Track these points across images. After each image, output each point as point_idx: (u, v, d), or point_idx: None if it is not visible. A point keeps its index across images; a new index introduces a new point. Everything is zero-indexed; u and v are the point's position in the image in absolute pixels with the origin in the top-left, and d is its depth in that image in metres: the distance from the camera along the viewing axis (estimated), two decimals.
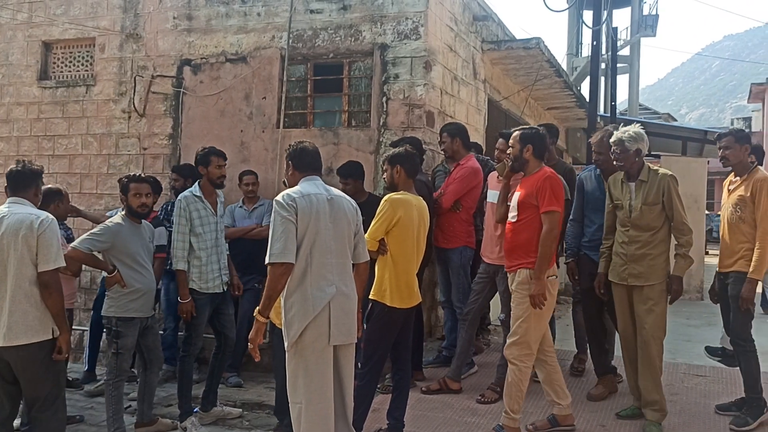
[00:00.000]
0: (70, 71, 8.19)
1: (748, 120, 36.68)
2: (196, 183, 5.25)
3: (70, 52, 8.20)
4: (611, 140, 4.62)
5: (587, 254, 5.17)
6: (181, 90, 7.44)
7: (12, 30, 8.25)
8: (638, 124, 4.63)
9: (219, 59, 7.33)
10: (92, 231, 4.80)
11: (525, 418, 4.72)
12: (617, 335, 4.98)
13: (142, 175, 5.12)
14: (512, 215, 4.48)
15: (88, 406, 5.76)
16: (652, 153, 15.11)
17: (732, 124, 39.88)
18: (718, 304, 5.02)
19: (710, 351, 5.44)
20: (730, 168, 4.83)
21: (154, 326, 5.08)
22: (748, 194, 4.60)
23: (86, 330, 6.70)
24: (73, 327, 5.79)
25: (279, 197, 3.54)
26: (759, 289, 8.61)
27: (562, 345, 6.01)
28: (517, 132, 4.56)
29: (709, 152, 14.52)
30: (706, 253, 14.88)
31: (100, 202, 7.65)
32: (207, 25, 7.40)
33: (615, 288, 4.72)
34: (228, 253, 5.38)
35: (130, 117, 7.69)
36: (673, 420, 4.78)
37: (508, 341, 4.44)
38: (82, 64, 8.14)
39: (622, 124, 4.93)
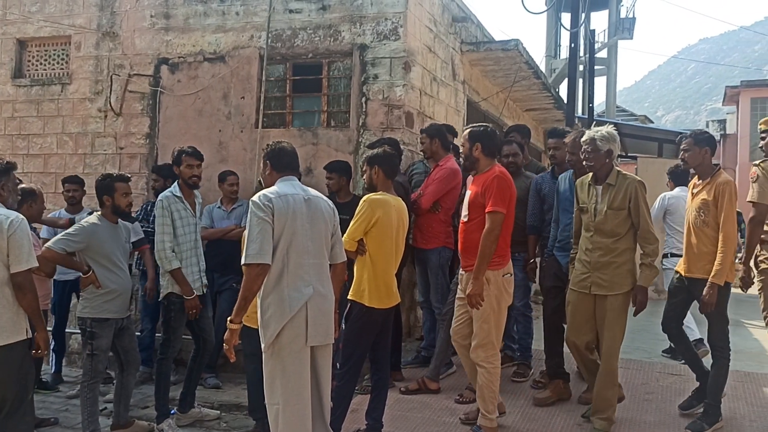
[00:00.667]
0: (45, 69, 8.09)
1: (722, 122, 37.21)
2: (175, 183, 5.20)
3: (45, 50, 8.10)
4: (582, 139, 4.51)
5: (555, 255, 5.14)
6: (159, 89, 7.38)
7: None
8: (612, 126, 4.56)
9: (197, 58, 7.28)
10: (67, 231, 4.75)
11: (502, 419, 4.75)
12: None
13: (125, 174, 5.10)
14: (464, 215, 4.50)
15: (63, 408, 5.69)
16: (630, 154, 15.28)
17: (707, 126, 40.40)
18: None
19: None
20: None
21: (130, 327, 5.03)
22: (711, 198, 4.50)
23: (73, 332, 6.65)
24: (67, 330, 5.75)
25: (255, 197, 3.52)
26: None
27: (539, 345, 6.03)
28: (466, 130, 4.58)
29: None
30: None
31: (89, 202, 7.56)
32: (185, 24, 7.35)
33: (575, 296, 4.56)
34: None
35: (106, 116, 7.62)
36: (648, 418, 4.83)
37: (473, 344, 4.41)
38: (58, 63, 8.04)
39: (594, 123, 4.89)
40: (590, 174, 4.55)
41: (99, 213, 4.89)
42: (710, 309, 4.45)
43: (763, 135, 4.91)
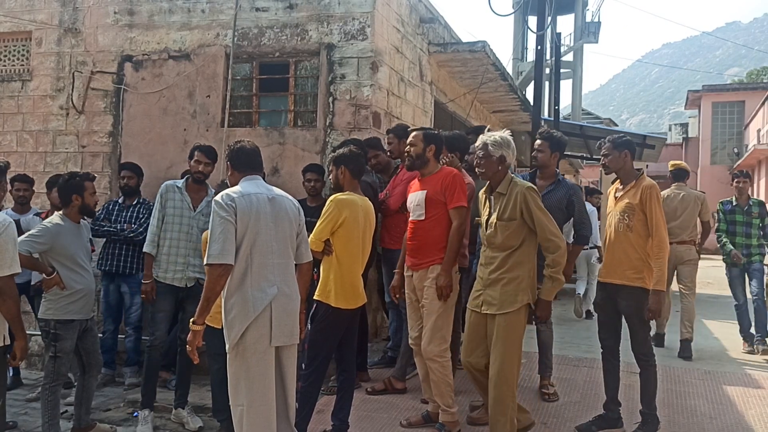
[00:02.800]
0: (4, 65, 7.90)
1: (685, 126, 38.01)
2: (187, 175, 5.37)
3: (5, 46, 7.91)
4: (475, 143, 4.36)
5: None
6: (122, 87, 7.27)
7: None
8: (507, 131, 4.23)
9: (161, 56, 7.18)
10: (31, 233, 4.64)
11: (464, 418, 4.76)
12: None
13: (90, 173, 5.07)
14: (419, 213, 4.51)
15: (22, 412, 5.57)
16: (595, 157, 15.48)
17: (670, 129, 41.25)
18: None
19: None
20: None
21: (93, 328, 4.95)
22: (637, 201, 4.45)
23: (33, 334, 6.49)
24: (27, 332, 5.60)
25: (218, 197, 3.48)
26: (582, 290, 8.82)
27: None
28: (418, 131, 4.64)
29: (647, 156, 14.94)
30: None
31: (36, 201, 7.39)
32: (149, 21, 7.24)
33: (470, 314, 4.20)
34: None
35: (68, 114, 7.47)
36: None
37: (424, 340, 4.43)
38: (18, 59, 7.86)
39: (487, 128, 4.47)
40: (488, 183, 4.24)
41: (61, 213, 4.78)
42: (657, 316, 4.45)
43: None
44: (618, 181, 4.73)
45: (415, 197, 4.53)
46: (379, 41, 6.70)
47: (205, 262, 3.39)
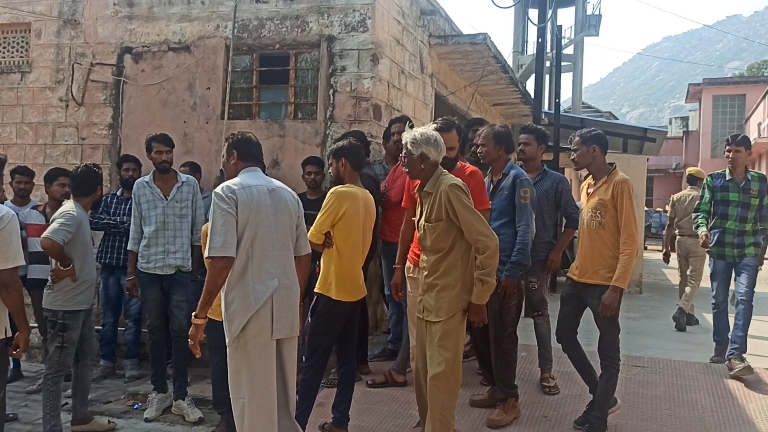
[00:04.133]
0: (3, 57, 7.86)
1: (685, 119, 37.96)
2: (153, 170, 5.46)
3: (4, 37, 7.88)
4: (479, 133, 4.35)
5: None
6: (122, 79, 7.24)
7: None
8: (434, 126, 4.08)
9: (161, 48, 7.16)
10: (61, 221, 4.64)
11: (467, 411, 4.76)
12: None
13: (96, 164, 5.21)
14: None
15: (22, 404, 5.57)
16: None
17: (670, 123, 41.20)
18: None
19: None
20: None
21: (90, 316, 4.99)
22: (609, 197, 4.28)
23: (32, 327, 6.49)
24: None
25: (218, 189, 3.46)
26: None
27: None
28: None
29: (648, 150, 14.93)
30: (645, 248, 15.33)
31: (36, 193, 7.38)
32: (149, 13, 7.21)
33: (417, 320, 3.95)
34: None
35: (67, 106, 7.45)
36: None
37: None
38: (17, 50, 7.83)
39: (408, 123, 4.17)
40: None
41: (76, 202, 4.83)
42: (610, 313, 4.23)
43: None
44: (590, 176, 4.58)
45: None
46: (380, 33, 6.67)
47: (206, 255, 3.38)
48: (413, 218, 4.04)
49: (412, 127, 3.90)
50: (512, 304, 4.60)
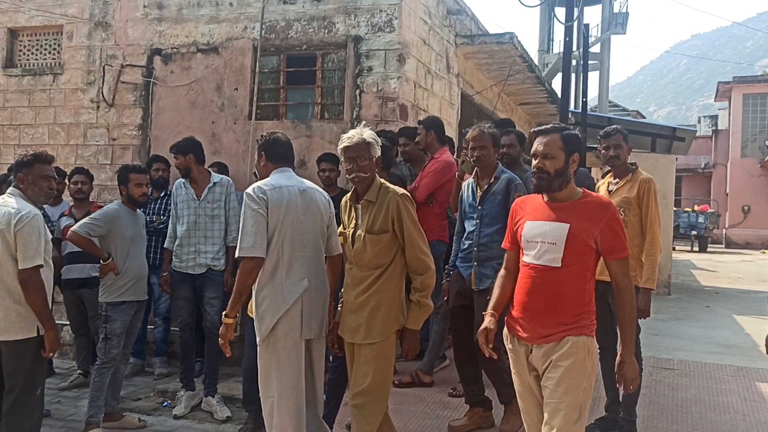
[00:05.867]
0: (36, 59, 8.01)
1: (714, 118, 37.38)
2: None
3: (37, 40, 8.02)
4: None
5: (458, 267, 4.53)
6: (151, 80, 7.33)
7: None
8: (368, 127, 3.69)
9: (190, 49, 7.23)
10: (91, 216, 4.90)
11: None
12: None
13: (140, 165, 5.46)
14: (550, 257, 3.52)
15: (54, 401, 5.66)
16: None
17: (699, 121, 40.61)
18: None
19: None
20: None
21: (141, 312, 5.14)
22: (634, 195, 4.29)
23: (63, 324, 6.62)
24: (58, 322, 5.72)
25: (249, 189, 3.49)
26: None
27: None
28: (555, 133, 4.54)
29: (677, 149, 14.74)
30: (674, 248, 15.15)
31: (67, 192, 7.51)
32: (178, 15, 7.29)
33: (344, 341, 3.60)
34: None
35: (98, 107, 7.56)
36: (641, 413, 4.83)
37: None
38: (50, 52, 7.97)
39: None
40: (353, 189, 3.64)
41: (119, 200, 5.07)
42: (646, 316, 4.23)
43: None
44: (610, 174, 4.55)
45: (544, 228, 3.01)
46: (407, 33, 6.67)
47: (236, 255, 3.41)
48: (343, 230, 3.64)
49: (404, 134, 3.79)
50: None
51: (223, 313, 3.45)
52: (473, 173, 4.51)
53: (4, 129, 7.87)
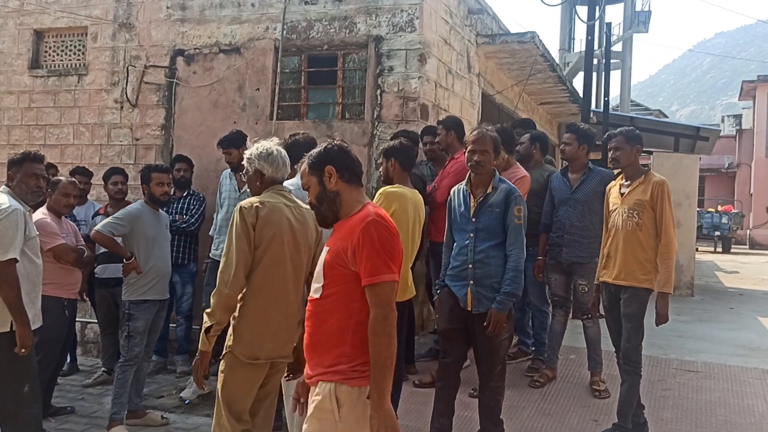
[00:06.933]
0: (62, 60, 8.11)
1: (738, 117, 36.90)
2: None
3: (62, 41, 8.13)
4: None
5: (448, 285, 4.16)
6: (174, 80, 7.39)
7: (3, 18, 8.17)
8: (275, 140, 3.62)
9: (212, 50, 7.28)
10: (114, 215, 4.99)
11: (516, 413, 4.73)
12: None
13: (162, 164, 5.59)
14: None
15: (78, 397, 5.73)
16: (645, 149, 15.17)
17: (723, 121, 40.10)
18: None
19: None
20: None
21: (163, 311, 5.19)
22: (647, 198, 4.24)
23: (88, 322, 6.70)
24: (77, 319, 5.80)
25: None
26: None
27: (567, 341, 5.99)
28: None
29: (700, 149, 14.56)
30: (697, 249, 14.98)
31: (91, 192, 7.59)
32: (200, 15, 7.35)
33: None
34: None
35: (122, 107, 7.64)
36: (665, 415, 4.80)
37: None
38: (74, 53, 8.07)
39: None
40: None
41: (142, 200, 5.12)
42: (665, 321, 4.22)
43: None
44: (622, 176, 4.52)
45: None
46: (428, 33, 6.67)
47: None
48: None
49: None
50: (504, 338, 4.01)
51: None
52: (466, 179, 4.15)
53: (30, 129, 7.98)
